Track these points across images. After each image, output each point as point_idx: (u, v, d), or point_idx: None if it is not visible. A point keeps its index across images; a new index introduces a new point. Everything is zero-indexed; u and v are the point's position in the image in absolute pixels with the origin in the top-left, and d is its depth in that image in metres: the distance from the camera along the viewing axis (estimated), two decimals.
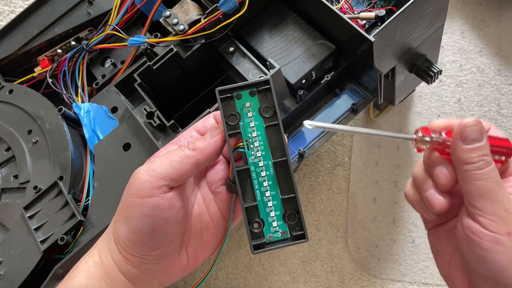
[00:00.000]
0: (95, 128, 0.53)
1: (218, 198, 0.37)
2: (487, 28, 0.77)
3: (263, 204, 0.35)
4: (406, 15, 0.46)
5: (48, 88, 0.58)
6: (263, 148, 0.34)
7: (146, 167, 0.33)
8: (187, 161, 0.33)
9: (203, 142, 0.34)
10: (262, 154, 0.34)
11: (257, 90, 0.34)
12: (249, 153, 0.34)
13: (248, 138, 0.34)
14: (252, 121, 0.34)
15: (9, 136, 0.55)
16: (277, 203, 0.35)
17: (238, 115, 0.34)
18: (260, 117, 0.34)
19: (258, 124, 0.34)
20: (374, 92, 0.56)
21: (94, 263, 0.35)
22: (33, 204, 0.49)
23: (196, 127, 0.37)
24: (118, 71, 0.57)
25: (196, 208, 0.36)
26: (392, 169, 0.73)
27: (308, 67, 0.52)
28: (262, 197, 0.35)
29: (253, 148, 0.34)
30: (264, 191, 0.35)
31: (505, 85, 0.75)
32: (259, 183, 0.34)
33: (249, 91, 0.34)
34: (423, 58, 0.55)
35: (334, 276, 0.70)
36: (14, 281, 0.46)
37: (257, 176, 0.34)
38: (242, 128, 0.34)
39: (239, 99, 0.34)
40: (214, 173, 0.37)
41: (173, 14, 0.51)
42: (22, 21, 0.60)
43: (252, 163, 0.34)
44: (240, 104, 0.34)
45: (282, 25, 0.55)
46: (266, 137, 0.34)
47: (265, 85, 0.34)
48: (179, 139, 0.37)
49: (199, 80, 0.56)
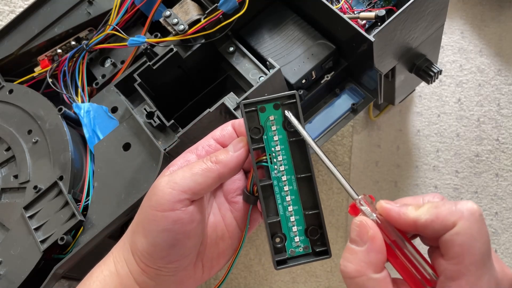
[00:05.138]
0: (95, 128, 0.53)
1: (234, 208, 0.36)
2: (487, 28, 0.77)
3: (285, 218, 0.34)
4: (406, 15, 0.46)
5: (48, 88, 0.58)
6: (286, 162, 0.34)
7: (168, 179, 0.32)
8: (209, 175, 0.32)
9: (226, 156, 0.33)
10: (285, 168, 0.34)
11: (281, 103, 0.34)
12: (272, 167, 0.34)
13: (271, 152, 0.34)
14: (276, 135, 0.34)
15: (9, 136, 0.54)
16: (300, 218, 0.34)
17: (262, 128, 0.34)
18: (284, 130, 0.34)
19: (281, 138, 0.34)
20: (374, 92, 0.56)
21: (110, 273, 0.35)
22: (33, 204, 0.49)
23: (214, 135, 0.36)
24: (118, 71, 0.57)
25: (211, 218, 0.36)
26: (392, 169, 0.73)
27: (308, 67, 0.52)
28: (284, 212, 0.34)
29: (276, 162, 0.34)
30: (286, 205, 0.34)
31: (505, 85, 0.75)
32: (282, 197, 0.34)
33: (273, 104, 0.34)
34: (423, 58, 0.55)
35: (334, 276, 0.70)
36: (14, 281, 0.46)
37: (280, 191, 0.34)
38: (265, 142, 0.34)
39: (263, 112, 0.34)
40: (231, 183, 0.36)
41: (173, 14, 0.51)
42: (22, 21, 0.60)
43: (275, 177, 0.34)
44: (264, 117, 0.34)
45: (282, 25, 0.55)
46: (289, 151, 0.34)
47: (291, 99, 0.34)
48: (197, 147, 0.36)
49: (199, 80, 0.56)
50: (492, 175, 0.72)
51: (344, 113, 0.57)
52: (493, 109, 0.74)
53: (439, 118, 0.74)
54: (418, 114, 0.75)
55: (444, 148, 0.73)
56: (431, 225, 0.27)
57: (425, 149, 0.74)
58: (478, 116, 0.74)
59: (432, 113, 0.75)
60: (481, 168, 0.72)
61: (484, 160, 0.73)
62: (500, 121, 0.73)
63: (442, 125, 0.74)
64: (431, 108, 0.75)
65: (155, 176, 0.47)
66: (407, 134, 0.74)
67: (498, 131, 0.73)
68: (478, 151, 0.73)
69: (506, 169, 0.72)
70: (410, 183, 0.73)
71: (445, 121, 0.74)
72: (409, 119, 0.75)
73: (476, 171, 0.72)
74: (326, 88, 0.57)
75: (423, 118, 0.75)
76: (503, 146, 0.73)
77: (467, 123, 0.74)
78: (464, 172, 0.72)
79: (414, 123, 0.75)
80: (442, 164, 0.73)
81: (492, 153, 0.73)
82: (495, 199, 0.71)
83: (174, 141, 0.48)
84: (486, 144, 0.73)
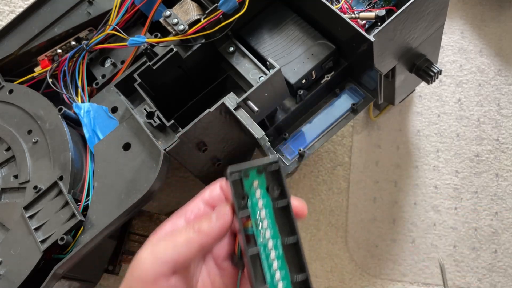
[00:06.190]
0: (95, 128, 0.53)
1: (223, 273, 0.35)
2: (487, 28, 0.77)
3: (273, 285, 0.33)
4: (406, 15, 0.46)
5: (48, 88, 0.58)
6: (271, 227, 0.33)
7: (150, 250, 0.33)
8: (191, 246, 0.32)
9: (208, 224, 0.33)
10: (270, 233, 0.33)
11: (264, 169, 0.33)
12: (258, 233, 0.33)
13: (256, 219, 0.33)
14: (260, 198, 0.34)
15: (9, 136, 0.54)
16: (287, 283, 0.33)
17: (246, 195, 0.33)
18: (268, 195, 0.34)
19: (265, 203, 0.34)
20: (374, 92, 0.56)
21: None
22: (33, 204, 0.49)
23: (204, 198, 0.36)
24: (118, 71, 0.57)
25: (200, 284, 0.35)
26: (392, 169, 0.73)
27: (308, 67, 0.52)
28: (272, 280, 0.33)
29: (261, 228, 0.33)
30: (273, 272, 0.33)
31: (505, 85, 0.75)
32: (269, 265, 0.33)
33: (256, 169, 0.33)
34: (423, 58, 0.55)
35: (334, 276, 0.70)
36: (14, 281, 0.46)
37: (266, 258, 0.33)
38: (251, 208, 0.33)
39: (247, 178, 0.33)
40: (220, 247, 0.36)
41: (173, 14, 0.51)
42: (22, 21, 0.60)
43: (261, 244, 0.33)
44: (248, 184, 0.33)
45: (282, 25, 0.55)
46: (274, 216, 0.33)
47: (274, 167, 0.33)
48: (186, 211, 0.35)
49: (199, 80, 0.56)
50: (492, 175, 0.72)
51: (344, 113, 0.57)
52: (493, 109, 0.74)
53: (439, 118, 0.74)
54: (418, 114, 0.75)
55: (444, 148, 0.73)
56: None
57: (425, 149, 0.74)
58: (478, 116, 0.74)
59: (432, 113, 0.75)
60: (481, 168, 0.72)
61: (484, 160, 0.73)
62: (500, 121, 0.73)
63: (442, 125, 0.74)
64: (431, 108, 0.75)
65: (155, 176, 0.47)
66: (407, 134, 0.74)
67: (498, 131, 0.73)
68: (478, 151, 0.73)
69: (506, 169, 0.72)
70: (410, 183, 0.73)
71: (445, 121, 0.74)
72: (409, 119, 0.75)
73: (476, 171, 0.72)
74: (326, 88, 0.57)
75: (423, 118, 0.75)
76: (503, 146, 0.73)
77: (467, 123, 0.74)
78: (464, 172, 0.72)
79: (414, 123, 0.75)
80: (442, 164, 0.73)
81: (492, 153, 0.73)
82: (495, 199, 0.71)
83: (174, 141, 0.48)
84: (486, 144, 0.73)
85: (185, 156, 0.50)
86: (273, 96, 0.50)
